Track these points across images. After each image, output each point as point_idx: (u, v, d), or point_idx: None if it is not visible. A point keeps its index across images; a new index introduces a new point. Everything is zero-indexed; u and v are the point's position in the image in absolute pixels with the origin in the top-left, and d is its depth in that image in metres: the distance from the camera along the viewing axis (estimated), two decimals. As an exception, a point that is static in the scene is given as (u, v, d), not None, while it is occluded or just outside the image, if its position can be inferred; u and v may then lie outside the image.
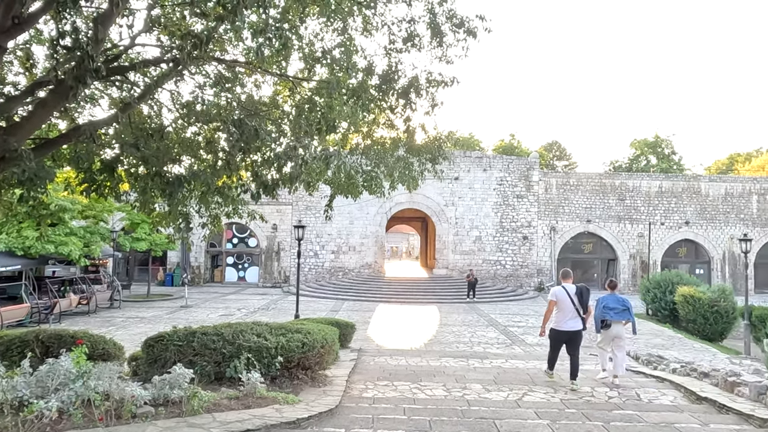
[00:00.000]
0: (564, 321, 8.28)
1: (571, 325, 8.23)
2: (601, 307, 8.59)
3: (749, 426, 5.91)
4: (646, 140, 51.31)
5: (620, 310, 8.50)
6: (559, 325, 8.34)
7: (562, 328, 8.31)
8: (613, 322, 8.45)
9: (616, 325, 8.48)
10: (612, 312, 8.47)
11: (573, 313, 8.22)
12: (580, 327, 8.28)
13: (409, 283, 31.24)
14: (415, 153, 10.11)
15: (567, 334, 8.29)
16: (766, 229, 33.44)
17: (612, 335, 8.53)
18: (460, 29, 8.68)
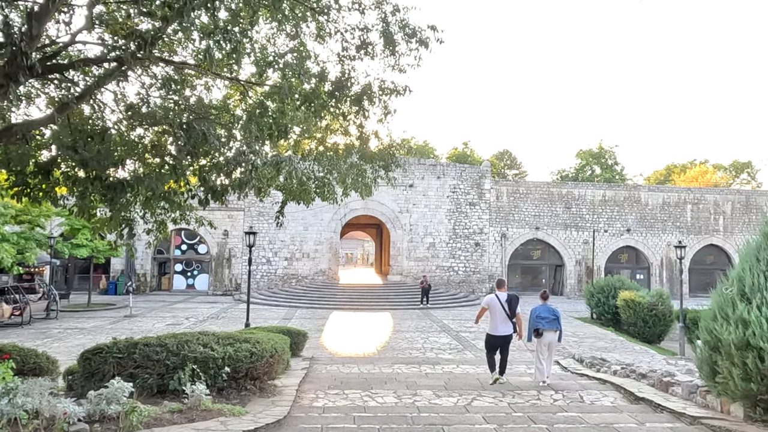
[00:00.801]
0: (496, 327, 9.00)
1: (503, 330, 8.98)
2: (534, 317, 9.15)
3: (681, 423, 6.23)
4: (591, 151, 53.60)
5: (551, 320, 9.13)
6: (493, 331, 9.07)
7: (495, 333, 9.02)
8: (545, 331, 9.00)
9: (547, 333, 9.04)
10: (544, 321, 9.04)
11: (504, 319, 8.94)
12: (510, 331, 9.04)
13: (363, 290, 31.19)
14: (369, 160, 10.14)
15: (500, 339, 9.01)
16: (700, 236, 35.56)
17: (545, 342, 9.07)
18: (412, 39, 8.80)
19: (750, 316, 5.51)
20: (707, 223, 35.70)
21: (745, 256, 6.32)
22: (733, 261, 30.15)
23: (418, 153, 53.42)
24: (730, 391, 5.85)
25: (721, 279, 6.49)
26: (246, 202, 31.75)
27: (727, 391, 5.92)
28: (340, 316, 24.04)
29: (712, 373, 6.23)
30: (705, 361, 6.35)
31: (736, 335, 5.58)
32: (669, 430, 5.92)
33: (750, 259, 6.10)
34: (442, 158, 55.00)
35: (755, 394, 5.52)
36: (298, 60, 9.04)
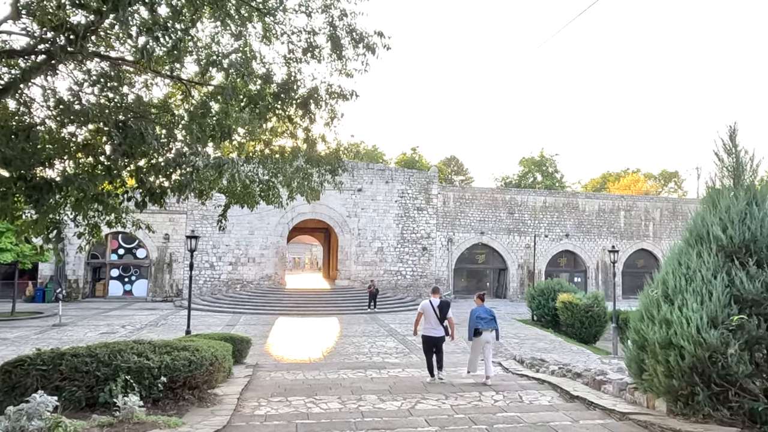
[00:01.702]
0: (430, 329, 9.96)
1: (436, 332, 9.94)
2: (474, 318, 9.84)
3: (611, 420, 6.55)
4: (533, 158, 55.68)
5: (489, 320, 9.85)
6: (427, 332, 10.01)
7: (428, 335, 9.99)
8: (483, 330, 9.70)
9: (486, 333, 9.74)
10: (483, 322, 9.76)
11: (436, 323, 9.91)
12: (442, 333, 9.98)
13: (310, 295, 30.85)
14: (315, 164, 10.06)
15: (433, 340, 9.96)
16: (632, 241, 37.66)
17: (483, 341, 9.77)
18: (359, 44, 8.83)
19: (672, 317, 5.88)
20: (638, 228, 37.87)
21: (668, 261, 6.75)
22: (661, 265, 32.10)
23: (367, 157, 53.58)
24: (655, 388, 6.21)
25: (648, 282, 6.89)
26: (188, 205, 30.71)
27: (653, 387, 6.28)
28: (287, 322, 23.66)
29: (640, 370, 6.60)
30: (633, 359, 6.71)
31: (660, 335, 5.94)
32: (600, 426, 6.21)
33: (673, 263, 6.52)
34: (390, 163, 55.44)
35: (677, 390, 5.89)
36: (244, 60, 8.86)
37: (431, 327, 9.98)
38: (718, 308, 5.60)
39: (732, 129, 6.38)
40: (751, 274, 5.71)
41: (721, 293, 5.65)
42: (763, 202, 6.12)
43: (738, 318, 5.42)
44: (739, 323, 5.45)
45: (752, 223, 5.90)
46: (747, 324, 5.52)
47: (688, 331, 5.61)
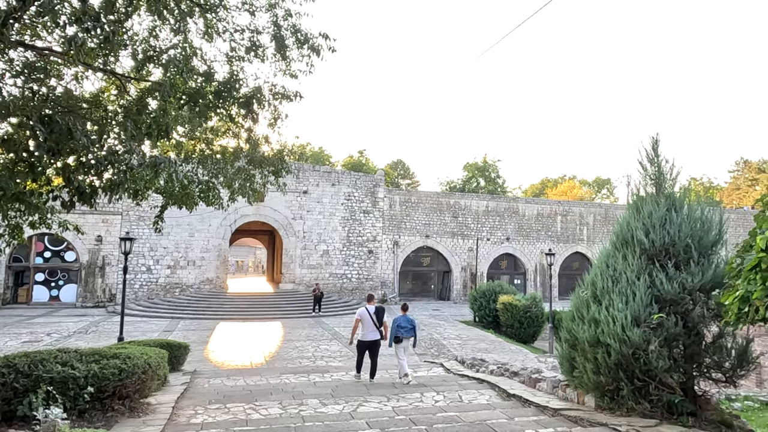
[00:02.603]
0: (366, 333, 10.61)
1: (371, 336, 10.58)
2: (395, 327, 10.62)
3: (544, 416, 6.82)
4: (476, 164, 57.18)
5: (408, 329, 10.64)
6: (363, 337, 10.62)
7: (365, 339, 10.59)
8: (403, 338, 10.50)
9: (405, 340, 10.56)
10: (403, 330, 10.56)
11: (372, 328, 10.59)
12: (378, 337, 10.62)
13: (253, 299, 30.17)
14: (258, 165, 9.88)
15: (368, 344, 10.57)
16: (568, 245, 39.43)
17: (402, 347, 10.54)
18: (304, 45, 8.76)
19: (600, 316, 6.21)
20: (574, 232, 39.71)
21: (598, 263, 7.12)
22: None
23: (313, 159, 53.14)
24: (585, 384, 6.53)
25: (579, 283, 7.24)
26: (124, 206, 29.29)
27: (582, 384, 6.61)
28: (228, 327, 23.01)
29: (571, 368, 6.91)
30: (565, 357, 7.02)
31: (589, 333, 6.26)
32: (534, 423, 6.45)
33: (601, 265, 6.89)
34: (337, 166, 55.26)
35: (604, 385, 6.22)
36: (184, 57, 8.58)
37: (368, 332, 10.62)
38: (641, 308, 5.97)
39: (654, 140, 6.84)
40: (669, 275, 6.13)
41: (644, 293, 6.03)
42: (681, 209, 6.59)
43: (658, 316, 5.80)
44: (659, 321, 5.83)
45: (671, 228, 6.34)
46: (666, 322, 5.91)
47: (614, 330, 5.94)
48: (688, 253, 6.22)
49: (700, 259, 6.17)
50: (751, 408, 11.88)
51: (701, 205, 6.65)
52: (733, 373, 6.23)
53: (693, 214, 6.52)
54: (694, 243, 6.22)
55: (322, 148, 58.63)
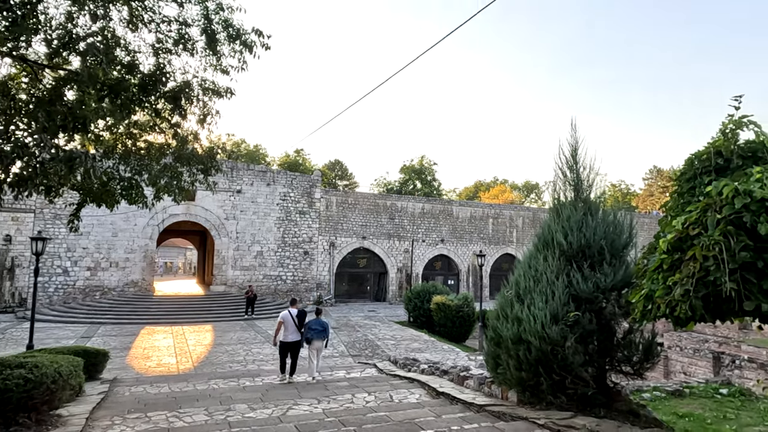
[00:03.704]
0: (288, 335, 11.14)
1: (293, 338, 11.13)
2: (307, 329, 11.30)
3: (470, 412, 7.04)
4: (413, 166, 58.09)
5: (320, 331, 11.36)
6: (285, 338, 11.15)
7: (286, 340, 11.12)
8: (313, 339, 11.21)
9: (315, 341, 11.26)
10: (314, 332, 11.26)
11: (294, 330, 11.18)
12: (299, 338, 11.21)
13: (182, 302, 28.92)
14: (186, 162, 9.50)
15: (290, 345, 11.12)
16: (498, 246, 40.93)
17: (314, 348, 11.26)
18: (236, 40, 8.54)
19: (522, 315, 6.50)
20: (504, 235, 41.29)
21: (521, 264, 7.45)
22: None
23: (247, 158, 51.80)
24: (508, 380, 6.81)
25: (504, 284, 7.54)
26: (37, 203, 27.16)
27: (506, 380, 6.88)
28: (154, 332, 21.92)
29: (496, 365, 7.18)
30: (490, 354, 7.28)
31: (512, 331, 6.54)
32: (460, 419, 6.64)
33: (525, 266, 7.22)
34: (273, 165, 54.21)
35: (525, 381, 6.52)
36: (105, 46, 8.09)
37: (289, 334, 11.17)
38: (559, 306, 6.31)
39: (573, 148, 7.26)
40: (585, 275, 6.52)
41: (562, 293, 6.38)
42: (597, 213, 7.04)
43: (574, 314, 6.15)
44: (575, 319, 6.19)
45: (587, 231, 6.76)
46: (582, 319, 6.28)
47: (535, 328, 6.24)
48: (602, 255, 6.64)
49: (613, 260, 6.62)
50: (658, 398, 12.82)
51: (614, 210, 7.12)
52: (641, 366, 6.72)
53: (607, 218, 6.98)
54: (607, 245, 6.66)
55: (258, 146, 57.28)
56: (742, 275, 4.06)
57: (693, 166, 5.34)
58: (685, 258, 4.43)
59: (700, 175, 5.19)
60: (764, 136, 5.01)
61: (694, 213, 4.58)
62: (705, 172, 5.16)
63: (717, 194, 4.44)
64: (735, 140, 5.18)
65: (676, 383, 14.17)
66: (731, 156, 5.08)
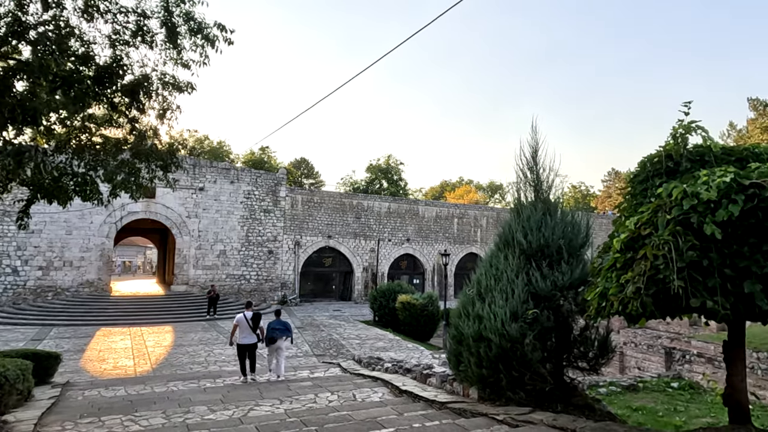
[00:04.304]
0: (243, 337, 11.47)
1: (248, 340, 11.49)
2: (269, 329, 11.59)
3: (432, 410, 7.11)
4: (380, 166, 58.16)
5: (283, 330, 11.71)
6: (241, 340, 11.47)
7: (242, 342, 11.45)
8: (277, 338, 11.47)
9: (279, 341, 11.50)
10: (277, 332, 11.57)
11: (249, 332, 11.49)
12: (255, 341, 11.56)
13: (141, 302, 28.08)
14: (144, 158, 9.21)
15: (246, 347, 11.44)
16: (463, 245, 41.47)
17: (276, 347, 11.48)
18: (198, 34, 8.35)
19: (483, 313, 6.60)
20: (469, 234, 41.87)
21: (483, 263, 7.57)
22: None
23: (211, 155, 50.73)
24: (469, 377, 6.90)
25: (466, 282, 7.64)
26: (-15, 199, 25.80)
27: (467, 377, 6.97)
28: (111, 333, 21.20)
29: (458, 362, 7.26)
30: (453, 352, 7.36)
31: (474, 329, 6.63)
32: (421, 417, 6.69)
33: (486, 265, 7.34)
34: (238, 162, 53.25)
35: (486, 378, 6.62)
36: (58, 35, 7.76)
37: (245, 336, 11.47)
38: (519, 304, 6.44)
39: (534, 149, 7.43)
40: (544, 273, 6.68)
41: (521, 291, 6.52)
42: (556, 213, 7.22)
43: (533, 312, 6.29)
44: (534, 316, 6.33)
45: (546, 230, 6.92)
46: (540, 317, 6.43)
47: (495, 325, 6.35)
48: (560, 254, 6.82)
49: (570, 259, 6.80)
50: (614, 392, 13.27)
51: (572, 211, 7.32)
52: (596, 361, 6.93)
53: (565, 218, 7.17)
54: (565, 245, 6.84)
55: (222, 143, 56.14)
56: (689, 273, 4.24)
57: (645, 169, 5.54)
58: (637, 257, 4.59)
59: (652, 177, 5.39)
60: (711, 141, 5.26)
61: (645, 214, 4.75)
62: (656, 175, 5.37)
63: (667, 196, 4.63)
64: (684, 144, 5.40)
65: (630, 378, 14.70)
66: (681, 159, 5.30)
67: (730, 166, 4.77)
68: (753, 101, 46.56)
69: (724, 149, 5.31)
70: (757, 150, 5.30)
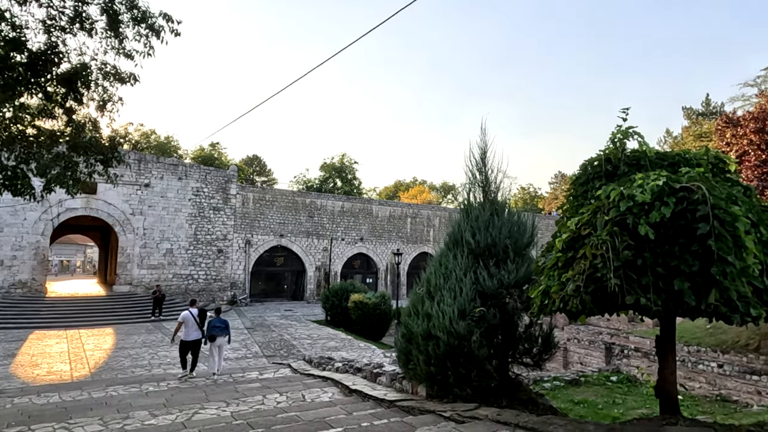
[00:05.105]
0: (189, 334, 11.76)
1: (194, 336, 11.79)
2: (210, 327, 11.92)
3: (381, 408, 7.12)
4: (334, 164, 57.82)
5: (222, 328, 11.99)
6: (186, 338, 11.74)
7: (187, 339, 11.72)
8: (217, 336, 11.83)
9: (219, 338, 11.87)
10: (217, 330, 11.89)
11: (195, 329, 11.82)
12: (199, 337, 11.85)
13: (80, 303, 26.67)
14: (82, 151, 8.75)
15: (191, 343, 11.76)
16: (416, 245, 41.87)
17: (217, 345, 11.85)
18: (142, 23, 8.01)
19: (432, 311, 6.68)
20: (422, 234, 42.32)
21: (433, 262, 7.66)
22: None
23: (158, 150, 48.85)
24: (418, 375, 6.97)
25: (416, 281, 7.71)
26: None
27: (416, 375, 7.03)
28: (46, 336, 20.03)
29: (407, 361, 7.31)
30: (402, 351, 7.40)
31: (423, 327, 6.69)
32: (370, 415, 6.69)
33: (436, 264, 7.43)
34: (187, 158, 51.57)
35: (434, 375, 6.70)
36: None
37: (190, 333, 11.78)
38: (467, 302, 6.55)
39: (482, 150, 7.59)
40: (491, 272, 6.83)
41: (469, 289, 6.64)
42: (503, 213, 7.40)
43: (479, 310, 6.42)
44: (481, 314, 6.46)
45: (494, 230, 7.08)
46: (487, 314, 6.57)
47: (444, 323, 6.43)
48: (506, 253, 6.99)
49: (516, 258, 6.98)
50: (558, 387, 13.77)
51: (518, 211, 7.53)
52: (540, 357, 7.15)
53: (512, 219, 7.35)
54: (511, 244, 7.02)
55: (169, 138, 54.16)
56: (624, 272, 4.44)
57: (586, 172, 5.77)
58: (577, 256, 4.77)
59: (592, 179, 5.62)
60: (646, 146, 5.53)
61: (585, 215, 4.94)
62: (596, 177, 5.60)
63: (605, 198, 4.83)
64: (622, 149, 5.66)
65: (573, 373, 15.30)
66: (619, 163, 5.55)
67: (663, 170, 5.04)
68: (687, 110, 49.55)
69: (658, 154, 5.60)
70: (688, 156, 5.61)
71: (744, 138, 13.16)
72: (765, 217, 4.75)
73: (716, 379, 13.06)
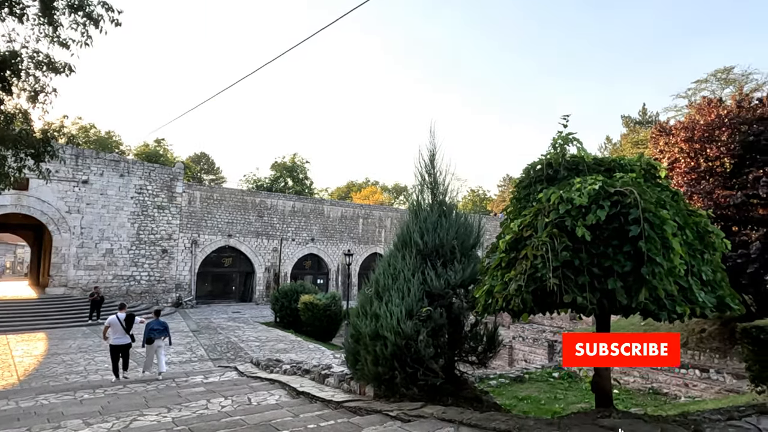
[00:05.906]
0: (117, 338, 12.06)
1: (122, 341, 12.12)
2: (148, 329, 12.13)
3: (328, 410, 7.08)
4: (285, 164, 57.01)
5: (161, 330, 12.26)
6: (115, 342, 12.07)
7: (116, 343, 12.06)
8: (155, 339, 12.08)
9: (157, 340, 12.13)
10: (155, 332, 12.13)
11: (122, 333, 12.10)
12: (128, 341, 12.16)
13: (8, 307, 24.97)
14: (11, 145, 8.21)
15: (120, 347, 12.11)
16: (368, 246, 41.94)
17: (155, 347, 12.12)
18: (78, 11, 7.62)
19: (380, 311, 6.70)
20: (373, 235, 42.44)
21: (382, 262, 7.68)
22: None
23: (98, 145, 46.54)
24: (366, 376, 6.97)
25: (365, 281, 7.72)
26: None
27: (364, 375, 7.04)
28: (-32, 342, 18.63)
29: (356, 361, 7.30)
30: (351, 351, 7.39)
31: (371, 327, 6.71)
32: (317, 417, 6.63)
33: (385, 264, 7.46)
34: (130, 154, 49.38)
35: (382, 375, 6.72)
36: None
37: (118, 337, 12.00)
38: (414, 302, 6.62)
39: (431, 152, 7.70)
40: (438, 272, 6.93)
41: (417, 289, 6.71)
42: (450, 214, 7.53)
43: (426, 309, 6.51)
44: (428, 314, 6.55)
45: (441, 231, 7.20)
46: (434, 314, 6.66)
47: (391, 323, 6.47)
48: (453, 254, 7.12)
49: (463, 259, 7.12)
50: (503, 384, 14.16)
51: (466, 213, 7.69)
52: (485, 355, 7.32)
53: (459, 220, 7.49)
54: (458, 245, 7.15)
55: (110, 133, 51.68)
56: (563, 272, 4.62)
57: (529, 175, 5.97)
58: (519, 257, 4.92)
59: (535, 183, 5.82)
60: (584, 152, 5.78)
61: (527, 217, 5.11)
62: (538, 181, 5.80)
63: (546, 200, 5.02)
64: (563, 154, 5.88)
65: (518, 370, 15.78)
66: (559, 167, 5.77)
67: (600, 175, 5.29)
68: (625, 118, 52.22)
69: (596, 160, 5.86)
70: (623, 162, 5.91)
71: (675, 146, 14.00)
72: (690, 220, 5.08)
73: (649, 373, 13.83)
